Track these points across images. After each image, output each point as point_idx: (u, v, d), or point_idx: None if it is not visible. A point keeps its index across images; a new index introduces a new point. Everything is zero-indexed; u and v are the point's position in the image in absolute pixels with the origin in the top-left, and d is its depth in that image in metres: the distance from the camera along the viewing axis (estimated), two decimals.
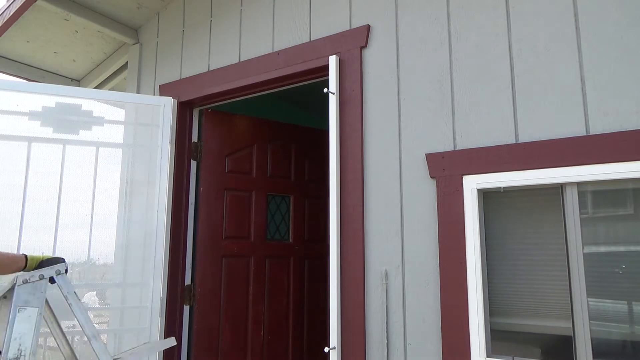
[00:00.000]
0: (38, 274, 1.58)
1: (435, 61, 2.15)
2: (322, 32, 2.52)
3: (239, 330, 3.08)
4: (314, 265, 3.55)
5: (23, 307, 1.51)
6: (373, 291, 2.15)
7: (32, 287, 1.54)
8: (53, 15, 3.11)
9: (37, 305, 1.54)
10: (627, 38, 1.76)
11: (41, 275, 1.59)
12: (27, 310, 1.51)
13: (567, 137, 1.80)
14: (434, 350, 1.97)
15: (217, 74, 2.88)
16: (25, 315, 1.49)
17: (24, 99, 2.66)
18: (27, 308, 1.51)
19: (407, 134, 2.17)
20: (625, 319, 1.71)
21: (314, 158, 3.63)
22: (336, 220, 2.23)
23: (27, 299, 1.53)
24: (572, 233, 1.79)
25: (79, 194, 2.70)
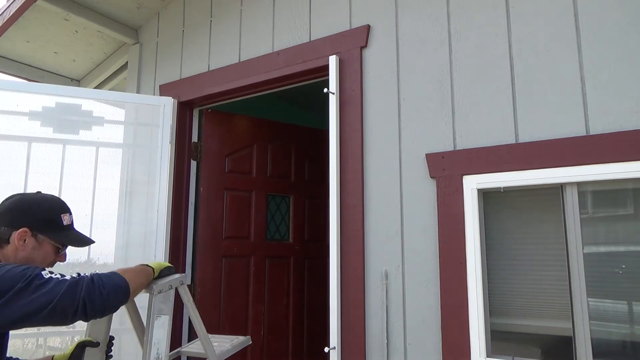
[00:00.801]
0: (168, 285, 1.70)
1: (435, 61, 2.15)
2: (322, 32, 2.52)
3: (239, 330, 3.08)
4: (314, 265, 3.55)
5: (158, 315, 1.64)
6: (373, 291, 2.15)
7: (164, 296, 1.67)
8: (53, 15, 3.11)
9: (168, 313, 1.67)
10: (627, 38, 1.76)
11: (170, 286, 1.71)
12: (161, 317, 1.64)
13: (567, 137, 1.80)
14: (434, 350, 1.97)
15: (217, 74, 2.88)
16: (160, 323, 1.64)
17: (24, 99, 2.66)
18: (161, 316, 1.64)
19: (407, 134, 2.17)
20: (625, 319, 1.71)
21: (314, 158, 3.63)
22: (336, 220, 2.23)
23: (161, 308, 1.65)
24: (572, 233, 1.79)
25: (79, 194, 2.70)
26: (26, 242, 1.46)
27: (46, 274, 1.31)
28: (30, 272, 1.29)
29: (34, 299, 1.25)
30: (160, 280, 1.69)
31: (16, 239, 1.45)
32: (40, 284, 1.27)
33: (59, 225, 1.56)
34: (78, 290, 1.30)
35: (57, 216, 1.56)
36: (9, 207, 1.52)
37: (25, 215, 1.50)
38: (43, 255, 1.51)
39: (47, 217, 1.53)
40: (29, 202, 1.54)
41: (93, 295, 1.31)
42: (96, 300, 1.32)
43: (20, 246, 1.46)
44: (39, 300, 1.25)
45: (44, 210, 1.54)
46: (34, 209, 1.53)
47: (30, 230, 1.47)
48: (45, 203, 1.57)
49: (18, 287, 1.25)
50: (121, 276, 1.43)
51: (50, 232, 1.52)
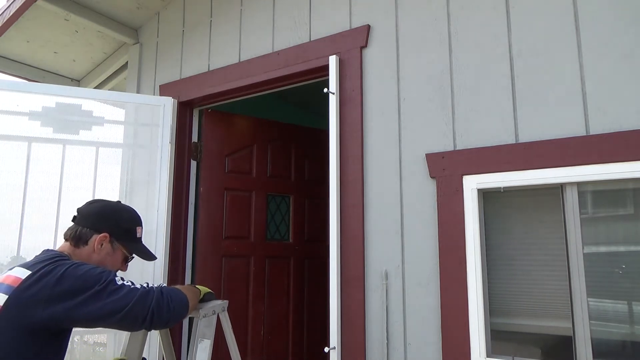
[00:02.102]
0: (212, 310, 1.75)
1: (435, 61, 2.15)
2: (322, 32, 2.52)
3: (239, 330, 3.08)
4: (314, 265, 3.55)
5: (202, 339, 1.68)
6: (373, 291, 2.15)
7: (208, 320, 1.72)
8: (53, 15, 3.11)
9: (210, 337, 1.72)
10: (627, 38, 1.76)
11: (214, 311, 1.77)
12: (204, 342, 1.69)
13: (567, 137, 1.80)
14: (434, 350, 1.97)
15: (217, 74, 2.88)
16: (203, 346, 1.68)
17: (24, 99, 2.66)
18: (204, 340, 1.69)
19: (407, 134, 2.17)
20: (625, 319, 1.71)
21: (314, 158, 3.63)
22: (336, 220, 2.23)
23: (204, 332, 1.69)
24: (572, 233, 1.79)
25: (79, 194, 2.70)
26: (103, 247, 1.53)
27: (119, 280, 1.37)
28: (106, 276, 1.35)
29: (108, 303, 1.31)
30: (205, 305, 1.74)
31: (96, 242, 1.52)
32: (115, 289, 1.33)
33: (134, 236, 1.64)
34: (149, 300, 1.36)
35: (134, 227, 1.64)
36: (93, 211, 1.58)
37: (109, 221, 1.57)
38: (113, 261, 1.58)
39: (127, 226, 1.61)
40: (112, 209, 1.62)
41: (161, 307, 1.37)
42: (164, 311, 1.38)
43: (98, 249, 1.52)
44: (113, 304, 1.31)
45: (125, 220, 1.62)
46: (117, 217, 1.60)
47: (110, 236, 1.55)
48: (126, 213, 1.65)
49: (95, 289, 1.31)
50: (183, 293, 1.49)
51: (126, 241, 1.60)
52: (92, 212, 1.58)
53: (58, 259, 1.38)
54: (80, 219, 1.57)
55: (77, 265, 1.37)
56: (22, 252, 2.57)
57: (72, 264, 1.36)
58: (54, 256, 1.40)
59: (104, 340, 3.07)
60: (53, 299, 1.28)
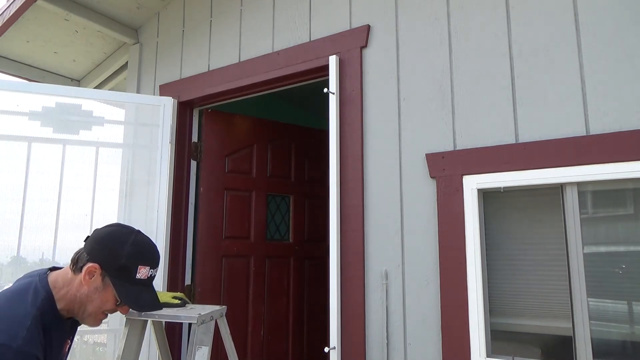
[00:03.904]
0: (210, 316, 1.72)
1: (435, 61, 2.15)
2: (322, 32, 2.52)
3: (239, 330, 3.08)
4: (314, 265, 3.55)
5: (199, 346, 1.66)
6: (373, 291, 2.15)
7: (206, 327, 1.69)
8: (53, 15, 3.11)
9: (208, 344, 1.70)
10: (627, 38, 1.76)
11: (211, 317, 1.73)
12: (202, 349, 1.67)
13: (567, 137, 1.80)
14: (434, 350, 1.97)
15: (217, 74, 2.88)
16: (201, 353, 1.66)
17: (24, 99, 2.66)
18: (202, 347, 1.67)
19: (407, 134, 2.17)
20: (625, 319, 1.71)
21: (314, 158, 3.63)
22: (336, 220, 2.23)
23: (202, 339, 1.67)
24: (572, 233, 1.79)
25: (79, 194, 2.70)
26: (93, 279, 1.35)
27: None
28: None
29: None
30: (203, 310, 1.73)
31: (84, 271, 1.34)
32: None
33: (130, 276, 1.40)
34: None
35: (134, 265, 1.40)
36: (97, 235, 1.41)
37: (103, 250, 1.38)
38: (102, 300, 1.38)
39: (124, 262, 1.38)
40: (117, 236, 1.41)
41: None
42: None
43: (86, 281, 1.34)
44: None
45: (125, 253, 1.39)
46: (117, 247, 1.39)
47: (101, 268, 1.35)
48: (132, 246, 1.41)
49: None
50: None
51: (118, 279, 1.37)
52: (96, 235, 1.40)
53: None
54: (86, 240, 1.42)
55: None
56: (22, 252, 2.57)
57: None
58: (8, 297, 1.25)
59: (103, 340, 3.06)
60: None
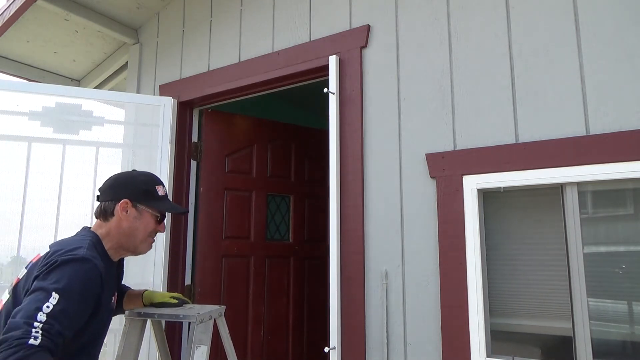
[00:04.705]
0: (208, 315, 1.75)
1: (435, 61, 2.15)
2: (322, 32, 2.52)
3: (238, 330, 3.08)
4: (314, 265, 3.55)
5: (198, 345, 1.67)
6: (373, 291, 2.15)
7: (204, 326, 1.71)
8: (53, 15, 3.11)
9: (207, 343, 1.71)
10: (627, 38, 1.76)
11: (210, 316, 1.76)
12: (201, 348, 1.68)
13: (567, 137, 1.80)
14: (434, 350, 1.97)
15: (217, 74, 2.88)
16: (200, 352, 1.68)
17: (24, 99, 2.66)
18: (201, 346, 1.68)
19: (407, 134, 2.17)
20: (625, 319, 1.71)
21: (314, 158, 3.63)
22: (336, 220, 2.23)
23: (201, 338, 1.68)
24: (572, 233, 1.79)
25: (79, 194, 2.70)
26: (128, 213, 1.59)
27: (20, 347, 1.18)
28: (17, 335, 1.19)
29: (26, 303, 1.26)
30: (202, 310, 1.73)
31: (119, 209, 1.58)
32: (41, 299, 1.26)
33: (155, 195, 1.66)
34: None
35: (152, 187, 1.67)
36: (109, 184, 1.65)
37: (125, 188, 1.62)
38: (144, 224, 1.63)
39: (144, 188, 1.65)
40: (126, 177, 1.67)
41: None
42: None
43: (124, 216, 1.58)
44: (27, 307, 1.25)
45: (140, 183, 1.66)
46: (132, 182, 1.65)
47: (131, 201, 1.60)
48: (141, 177, 1.69)
49: (42, 286, 1.29)
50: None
51: (148, 201, 1.63)
52: (109, 185, 1.64)
53: (71, 254, 1.39)
54: (101, 196, 1.64)
55: (67, 269, 1.34)
56: (22, 252, 2.57)
57: (69, 262, 1.35)
58: (73, 247, 1.42)
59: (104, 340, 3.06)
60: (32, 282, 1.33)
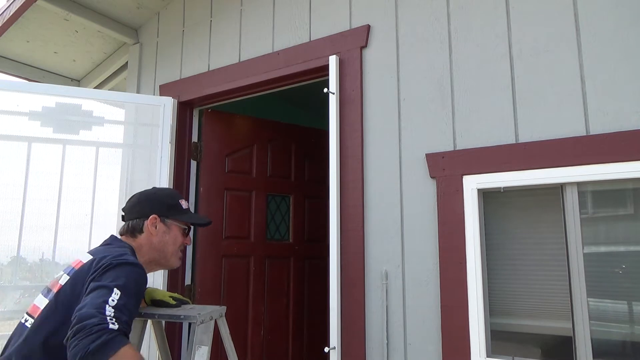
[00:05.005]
0: (209, 316, 1.75)
1: (435, 61, 2.15)
2: (322, 32, 2.52)
3: (238, 330, 3.08)
4: (314, 265, 3.55)
5: (199, 346, 1.68)
6: (373, 291, 2.15)
7: (205, 326, 1.71)
8: (53, 15, 3.11)
9: (208, 344, 1.71)
10: (627, 38, 1.76)
11: (211, 317, 1.77)
12: (201, 348, 1.69)
13: (567, 137, 1.80)
14: (434, 350, 1.97)
15: (217, 74, 2.88)
16: (201, 353, 1.69)
17: (24, 99, 2.66)
18: (202, 347, 1.69)
19: (407, 134, 2.17)
20: (625, 319, 1.71)
21: (314, 158, 3.63)
22: (336, 220, 2.23)
23: (201, 339, 1.68)
24: (572, 233, 1.79)
25: (79, 194, 2.70)
26: (157, 228, 1.64)
27: (111, 315, 1.27)
28: (95, 322, 1.25)
29: (91, 298, 1.29)
30: (203, 310, 1.73)
31: (149, 225, 1.63)
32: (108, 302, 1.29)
33: (180, 209, 1.72)
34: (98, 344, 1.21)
35: (177, 201, 1.73)
36: (134, 203, 1.70)
37: (152, 204, 1.68)
38: (173, 237, 1.68)
39: (170, 202, 1.71)
40: (150, 194, 1.73)
41: None
42: None
43: (153, 231, 1.64)
44: (91, 301, 1.28)
45: (166, 197, 1.73)
46: (157, 198, 1.71)
47: (159, 216, 1.65)
48: (164, 192, 1.79)
49: (104, 284, 1.33)
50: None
51: (175, 215, 1.69)
52: (134, 204, 1.69)
53: (122, 258, 1.44)
54: (127, 215, 1.69)
55: (123, 269, 1.39)
56: (22, 252, 2.57)
57: (124, 265, 1.40)
58: (120, 254, 1.47)
59: None
60: (87, 283, 1.36)
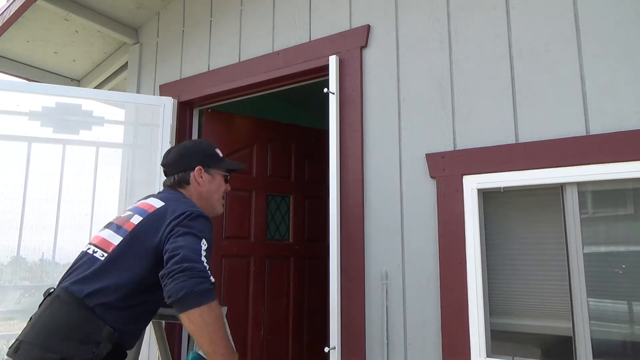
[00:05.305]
0: None
1: (435, 61, 2.15)
2: (322, 32, 2.52)
3: (239, 330, 3.08)
4: (314, 265, 3.55)
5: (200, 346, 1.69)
6: (373, 291, 2.15)
7: None
8: (53, 15, 3.11)
9: None
10: (627, 38, 1.76)
11: None
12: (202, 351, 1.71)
13: (567, 137, 1.80)
14: (434, 350, 1.97)
15: (217, 74, 2.88)
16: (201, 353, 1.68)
17: (24, 99, 2.66)
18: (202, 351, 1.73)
19: (407, 134, 2.17)
20: (625, 319, 1.71)
21: (314, 158, 3.63)
22: (336, 220, 2.23)
23: None
24: (572, 233, 1.79)
25: (79, 194, 2.70)
26: (203, 178, 1.72)
27: (205, 261, 1.38)
28: (207, 242, 1.43)
29: (184, 246, 1.37)
30: None
31: (195, 177, 1.71)
32: (200, 249, 1.39)
33: (219, 157, 1.81)
34: (201, 291, 1.32)
35: (214, 150, 1.81)
36: (176, 157, 1.76)
37: (195, 155, 1.75)
38: (218, 186, 1.77)
39: (210, 152, 1.79)
40: (190, 146, 1.82)
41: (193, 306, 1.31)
42: (187, 305, 1.30)
43: (201, 182, 1.72)
44: (185, 251, 1.36)
45: (206, 148, 1.81)
46: (198, 150, 1.79)
47: (203, 166, 1.73)
48: (202, 143, 1.88)
49: (194, 232, 1.42)
50: (225, 344, 1.36)
51: (216, 163, 1.78)
52: (177, 158, 1.75)
53: (199, 210, 1.54)
54: (170, 169, 1.75)
55: (205, 221, 1.50)
56: (22, 252, 2.57)
57: (204, 217, 1.51)
58: (194, 205, 1.60)
59: None
60: (169, 225, 1.44)
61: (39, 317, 1.39)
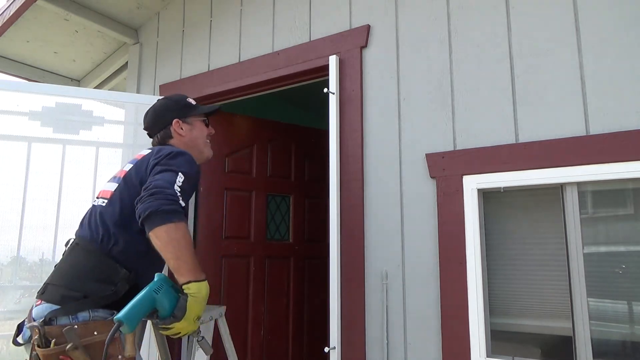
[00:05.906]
0: (209, 316, 1.81)
1: (435, 61, 2.15)
2: (322, 32, 2.52)
3: (238, 330, 3.08)
4: (314, 265, 3.55)
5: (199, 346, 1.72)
6: (373, 291, 2.15)
7: (205, 327, 1.77)
8: (53, 15, 3.11)
9: None
10: (627, 38, 1.76)
11: (211, 317, 1.83)
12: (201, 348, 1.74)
13: (567, 137, 1.80)
14: (434, 350, 1.97)
15: (217, 74, 2.88)
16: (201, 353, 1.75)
17: (24, 99, 2.66)
18: None
19: (407, 134, 2.17)
20: (625, 319, 1.71)
21: (314, 158, 3.63)
22: (336, 220, 2.23)
23: None
24: (572, 233, 1.79)
25: (79, 194, 2.70)
26: (183, 129, 1.80)
27: (179, 192, 1.46)
28: (171, 192, 1.46)
29: (161, 177, 1.49)
30: None
31: (175, 129, 1.79)
32: (175, 181, 1.49)
33: (192, 105, 1.89)
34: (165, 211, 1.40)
35: (186, 100, 1.89)
36: (152, 118, 1.85)
37: (168, 111, 1.83)
38: (199, 131, 1.85)
39: (183, 103, 1.87)
40: (162, 104, 1.88)
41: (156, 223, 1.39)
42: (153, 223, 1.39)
43: (181, 132, 1.80)
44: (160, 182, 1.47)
45: (177, 101, 1.88)
46: (170, 105, 1.86)
47: (179, 118, 1.81)
48: (172, 98, 1.92)
49: (170, 167, 1.53)
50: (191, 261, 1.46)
51: (192, 111, 1.85)
52: (152, 119, 1.85)
53: (179, 149, 1.66)
54: (152, 131, 1.86)
55: (184, 158, 1.59)
56: (22, 252, 2.57)
57: (184, 154, 1.61)
58: (175, 146, 1.74)
59: None
60: (150, 163, 1.56)
61: (62, 263, 1.54)
